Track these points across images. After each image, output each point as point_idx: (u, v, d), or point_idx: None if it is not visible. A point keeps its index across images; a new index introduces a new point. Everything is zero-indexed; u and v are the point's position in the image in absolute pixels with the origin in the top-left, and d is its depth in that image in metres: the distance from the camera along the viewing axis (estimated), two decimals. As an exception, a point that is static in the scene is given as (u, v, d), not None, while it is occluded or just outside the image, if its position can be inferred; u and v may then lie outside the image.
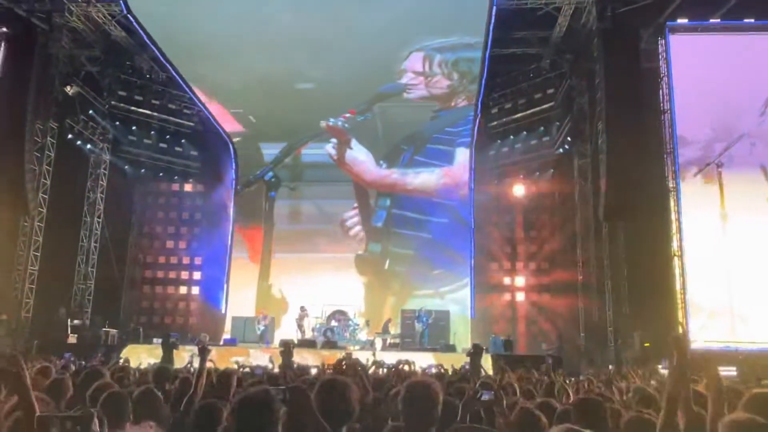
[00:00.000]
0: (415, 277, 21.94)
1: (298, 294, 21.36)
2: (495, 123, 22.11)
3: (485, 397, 3.27)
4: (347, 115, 21.25)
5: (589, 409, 3.59)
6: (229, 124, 22.30)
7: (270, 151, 23.37)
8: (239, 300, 22.12)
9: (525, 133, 21.58)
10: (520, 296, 21.72)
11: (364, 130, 21.91)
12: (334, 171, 22.81)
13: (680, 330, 13.44)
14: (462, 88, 20.29)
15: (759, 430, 2.54)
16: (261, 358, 14.40)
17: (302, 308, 19.68)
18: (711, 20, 17.29)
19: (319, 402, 2.71)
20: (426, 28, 17.94)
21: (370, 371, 7.11)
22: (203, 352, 4.19)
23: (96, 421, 2.27)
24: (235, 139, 23.01)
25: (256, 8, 16.86)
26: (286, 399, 2.50)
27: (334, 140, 22.44)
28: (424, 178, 22.43)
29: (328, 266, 22.07)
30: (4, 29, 18.34)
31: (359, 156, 22.53)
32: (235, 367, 10.77)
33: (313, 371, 9.80)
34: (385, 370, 8.22)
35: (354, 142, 22.34)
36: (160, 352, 14.67)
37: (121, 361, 13.50)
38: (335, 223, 22.81)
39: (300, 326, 19.20)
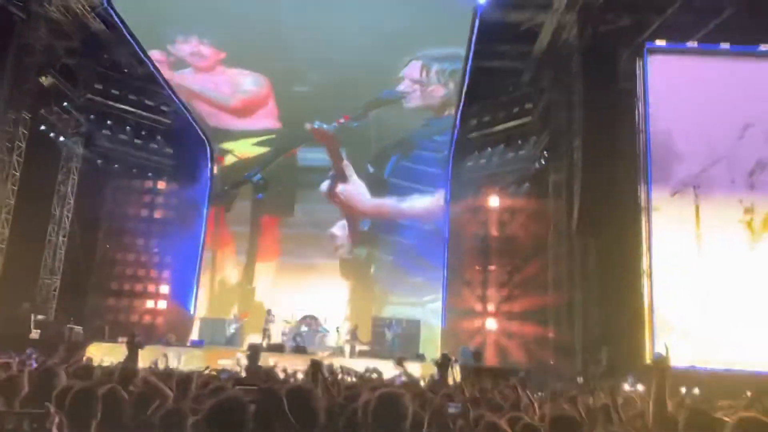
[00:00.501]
0: (395, 284, 21.96)
1: (279, 298, 21.26)
2: (474, 134, 22.24)
3: (452, 410, 3.25)
4: (341, 120, 21.31)
5: (565, 428, 3.57)
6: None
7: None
8: (221, 301, 21.96)
9: (502, 146, 21.72)
10: (491, 309, 21.78)
11: (353, 136, 21.99)
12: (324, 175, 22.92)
13: (664, 349, 13.51)
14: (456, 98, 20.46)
15: None
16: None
17: (269, 312, 19.53)
18: (688, 44, 17.61)
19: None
20: (424, 37, 18.19)
21: (338, 377, 7.05)
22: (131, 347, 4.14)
23: (56, 419, 2.20)
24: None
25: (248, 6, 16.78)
26: (258, 400, 2.46)
27: (331, 175, 22.55)
28: (417, 206, 22.53)
29: (313, 270, 22.11)
30: (-20, 17, 17.98)
31: (351, 188, 22.65)
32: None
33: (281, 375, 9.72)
34: (354, 378, 8.17)
35: (349, 175, 22.34)
36: (124, 350, 14.43)
37: (84, 358, 13.27)
38: (322, 227, 22.75)
39: (265, 330, 18.99)
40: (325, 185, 22.85)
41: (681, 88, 17.61)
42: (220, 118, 22.10)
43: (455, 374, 14.68)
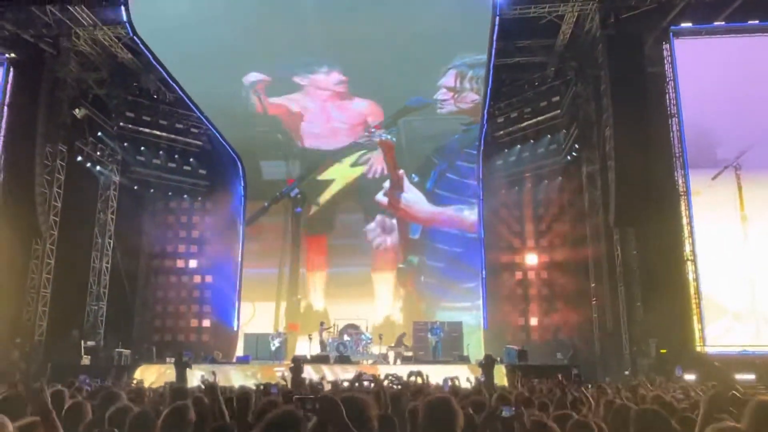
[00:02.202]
0: (445, 291, 21.93)
1: (325, 308, 21.41)
2: (501, 132, 22.11)
3: (506, 413, 3.22)
4: (372, 130, 21.48)
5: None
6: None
7: (270, 169, 23.70)
8: (265, 315, 22.29)
9: (532, 141, 21.56)
10: (533, 306, 21.57)
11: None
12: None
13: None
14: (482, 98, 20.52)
15: None
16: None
17: (322, 324, 19.73)
18: (715, 23, 17.26)
19: None
20: (458, 44, 18.24)
21: (384, 384, 7.04)
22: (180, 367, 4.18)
23: None
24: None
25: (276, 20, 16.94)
26: (316, 409, 2.48)
27: (385, 186, 22.81)
28: (466, 215, 22.55)
29: (355, 280, 22.29)
30: (13, 55, 18.57)
31: (411, 197, 22.82)
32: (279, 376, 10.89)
33: (327, 387, 9.76)
34: (399, 385, 8.15)
35: (406, 184, 22.65)
36: (172, 371, 14.68)
37: (135, 381, 13.53)
38: (361, 237, 22.90)
39: (322, 342, 19.20)
40: (381, 195, 23.01)
41: (711, 68, 17.26)
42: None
43: (500, 373, 14.61)
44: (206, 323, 23.11)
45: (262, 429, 2.36)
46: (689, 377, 14.16)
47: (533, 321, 21.39)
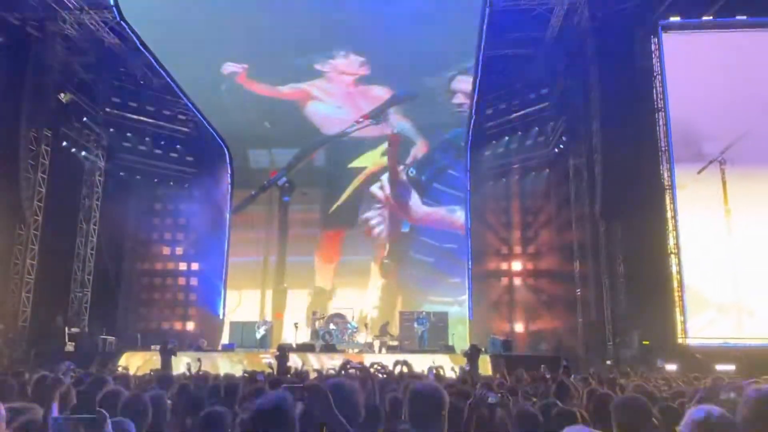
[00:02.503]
0: (431, 284, 21.97)
1: (309, 298, 21.40)
2: (490, 124, 22.17)
3: (492, 399, 3.26)
4: (360, 119, 21.40)
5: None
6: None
7: (258, 157, 23.59)
8: (251, 303, 22.22)
9: (520, 133, 21.64)
10: (519, 293, 21.72)
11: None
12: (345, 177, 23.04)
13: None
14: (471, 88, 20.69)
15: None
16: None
17: (314, 313, 19.81)
18: (704, 18, 17.36)
19: None
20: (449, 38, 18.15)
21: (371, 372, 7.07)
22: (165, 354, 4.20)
23: (109, 423, 2.27)
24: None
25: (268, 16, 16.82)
26: (305, 397, 2.49)
27: (382, 179, 22.82)
28: (458, 215, 22.65)
29: (341, 270, 22.28)
30: (-2, 38, 18.30)
31: (406, 193, 22.93)
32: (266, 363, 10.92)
33: (313, 375, 9.80)
34: (385, 374, 8.19)
35: (403, 180, 22.81)
36: (157, 358, 14.64)
37: (120, 368, 13.48)
38: (350, 227, 22.86)
39: (314, 331, 19.25)
40: (376, 187, 22.99)
41: (699, 63, 17.38)
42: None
43: (485, 364, 14.72)
44: (192, 311, 23.06)
45: (252, 414, 2.37)
46: (670, 367, 14.38)
47: (518, 311, 21.53)
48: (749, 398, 2.49)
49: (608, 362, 16.15)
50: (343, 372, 5.27)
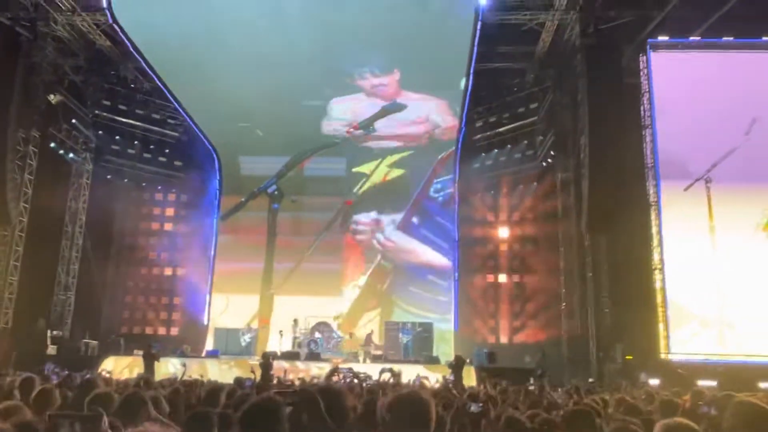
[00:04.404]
0: (417, 295, 21.94)
1: (296, 305, 21.32)
2: (479, 136, 22.30)
3: (474, 409, 3.30)
4: (350, 129, 21.43)
5: (581, 420, 3.63)
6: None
7: (249, 165, 23.52)
8: (240, 309, 22.04)
9: (509, 146, 21.80)
10: (504, 306, 21.75)
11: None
12: (334, 185, 23.10)
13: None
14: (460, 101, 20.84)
15: None
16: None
17: (295, 321, 19.69)
18: (691, 38, 17.62)
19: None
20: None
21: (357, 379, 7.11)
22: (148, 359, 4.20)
23: (105, 420, 2.28)
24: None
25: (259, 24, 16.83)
26: (295, 402, 2.51)
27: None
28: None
29: (327, 277, 22.16)
30: (-12, 37, 18.19)
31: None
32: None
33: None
34: (370, 382, 8.22)
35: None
36: (140, 363, 14.56)
37: (102, 373, 13.40)
38: (337, 235, 22.84)
39: (295, 339, 19.14)
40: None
41: (686, 82, 17.64)
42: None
43: (470, 375, 14.76)
44: (176, 316, 22.89)
45: (241, 416, 2.38)
46: (653, 381, 14.48)
47: (503, 323, 21.58)
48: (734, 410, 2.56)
49: (591, 380, 16.18)
50: (332, 377, 5.29)
